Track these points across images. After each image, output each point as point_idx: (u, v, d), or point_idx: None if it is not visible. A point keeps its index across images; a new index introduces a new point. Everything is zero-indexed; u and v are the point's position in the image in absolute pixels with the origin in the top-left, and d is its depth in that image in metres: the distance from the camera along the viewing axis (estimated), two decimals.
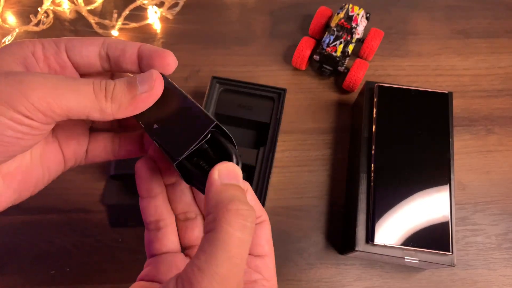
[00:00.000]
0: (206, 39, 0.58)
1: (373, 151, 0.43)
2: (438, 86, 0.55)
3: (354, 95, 0.54)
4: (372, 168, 0.42)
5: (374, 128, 0.44)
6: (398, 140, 0.43)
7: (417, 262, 0.39)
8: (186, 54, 0.57)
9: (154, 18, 0.58)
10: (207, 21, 0.60)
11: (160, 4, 0.60)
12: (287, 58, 0.57)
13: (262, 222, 0.26)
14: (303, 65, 0.54)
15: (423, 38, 0.58)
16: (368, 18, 0.55)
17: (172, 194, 0.27)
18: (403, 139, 0.43)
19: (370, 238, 0.40)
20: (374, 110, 0.45)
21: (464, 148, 0.51)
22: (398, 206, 0.41)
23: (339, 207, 0.49)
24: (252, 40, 0.58)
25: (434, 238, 0.39)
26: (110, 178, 0.48)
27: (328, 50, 0.51)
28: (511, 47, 0.58)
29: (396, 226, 0.40)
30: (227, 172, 0.21)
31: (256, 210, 0.24)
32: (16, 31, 0.58)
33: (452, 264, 0.39)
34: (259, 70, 0.56)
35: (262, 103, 0.49)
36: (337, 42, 0.52)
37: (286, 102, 0.48)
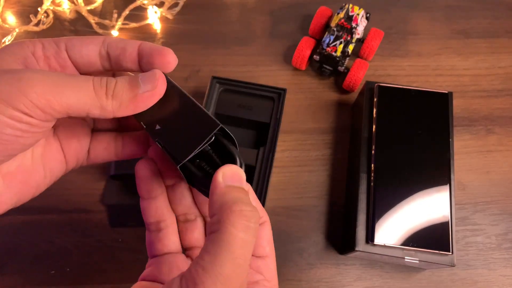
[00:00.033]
0: (206, 39, 0.58)
1: (373, 151, 0.43)
2: (438, 86, 0.55)
3: (354, 95, 0.54)
4: (372, 168, 0.42)
5: (374, 128, 0.44)
6: (398, 140, 0.43)
7: (417, 262, 0.39)
8: (186, 54, 0.57)
9: (154, 18, 0.58)
10: (207, 21, 0.60)
11: (160, 4, 0.60)
12: (287, 58, 0.57)
13: (263, 223, 0.26)
14: (303, 65, 0.54)
15: (423, 38, 0.58)
16: (368, 18, 0.55)
17: (172, 196, 0.27)
18: (403, 139, 0.43)
19: (370, 238, 0.40)
20: (374, 110, 0.45)
21: (464, 148, 0.51)
22: (398, 206, 0.41)
23: (339, 207, 0.49)
24: (252, 40, 0.58)
25: (434, 238, 0.39)
26: (110, 178, 0.48)
27: (328, 50, 0.51)
28: (511, 47, 0.58)
29: (396, 226, 0.40)
30: (231, 175, 0.21)
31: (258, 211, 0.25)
32: (16, 31, 0.58)
33: (452, 264, 0.39)
34: (259, 70, 0.56)
35: (262, 103, 0.49)
36: (337, 42, 0.52)
37: (286, 102, 0.48)
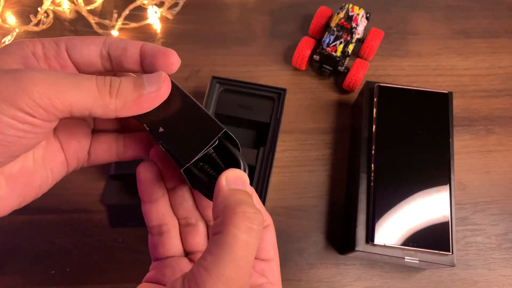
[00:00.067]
0: (206, 39, 0.58)
1: (373, 151, 0.43)
2: (438, 86, 0.55)
3: (354, 95, 0.54)
4: (372, 168, 0.42)
5: (374, 128, 0.44)
6: (398, 140, 0.43)
7: (417, 262, 0.39)
8: (186, 54, 0.57)
9: (154, 18, 0.58)
10: (207, 21, 0.60)
11: (160, 4, 0.60)
12: (287, 58, 0.57)
13: (267, 226, 0.26)
14: (303, 65, 0.54)
15: (423, 38, 0.58)
16: (368, 18, 0.55)
17: (173, 199, 0.27)
18: (403, 139, 0.43)
19: (370, 238, 0.40)
20: (374, 110, 0.45)
21: (464, 148, 0.51)
22: (398, 206, 0.41)
23: (339, 207, 0.49)
24: (252, 40, 0.58)
25: (434, 238, 0.39)
26: (110, 178, 0.48)
27: (328, 50, 0.51)
28: (511, 47, 0.58)
29: (396, 226, 0.40)
30: (234, 178, 0.21)
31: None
32: (16, 31, 0.58)
33: (452, 264, 0.39)
34: (259, 70, 0.56)
35: (262, 103, 0.49)
36: (337, 42, 0.52)
37: (286, 102, 0.48)
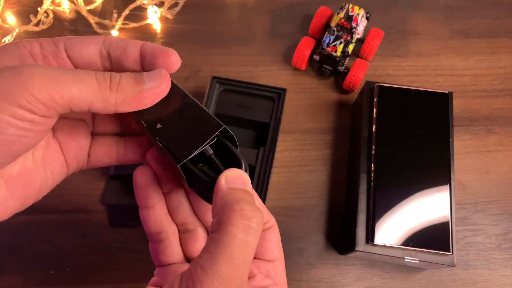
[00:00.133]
0: (206, 39, 0.58)
1: (373, 151, 0.43)
2: (438, 86, 0.55)
3: (354, 95, 0.54)
4: (372, 168, 0.42)
5: (374, 128, 0.44)
6: (398, 140, 0.43)
7: (417, 262, 0.39)
8: (186, 54, 0.57)
9: (154, 18, 0.58)
10: (207, 21, 0.60)
11: (160, 4, 0.60)
12: (287, 58, 0.57)
13: (271, 227, 0.26)
14: (303, 65, 0.54)
15: (423, 38, 0.58)
16: (368, 18, 0.55)
17: (169, 204, 0.27)
18: (403, 139, 0.43)
19: (370, 238, 0.40)
20: (374, 110, 0.45)
21: (464, 148, 0.51)
22: (398, 206, 0.41)
23: (339, 207, 0.49)
24: (252, 40, 0.58)
25: (434, 238, 0.39)
26: (110, 178, 0.48)
27: (328, 50, 0.51)
28: (511, 47, 0.58)
29: (396, 226, 0.40)
30: (234, 177, 0.21)
31: (264, 215, 0.24)
32: (16, 31, 0.58)
33: (452, 264, 0.39)
34: (259, 70, 0.56)
35: (262, 103, 0.49)
36: (337, 42, 0.52)
37: (286, 102, 0.48)
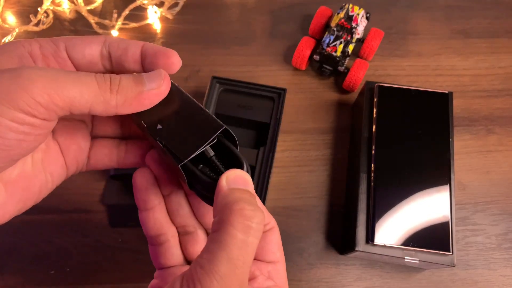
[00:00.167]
0: (206, 39, 0.58)
1: (373, 151, 0.43)
2: (438, 86, 0.55)
3: (354, 95, 0.54)
4: (372, 168, 0.42)
5: (374, 128, 0.44)
6: (398, 140, 0.43)
7: (417, 262, 0.39)
8: (186, 54, 0.57)
9: (154, 18, 0.58)
10: (207, 21, 0.60)
11: (160, 4, 0.60)
12: (287, 58, 0.57)
13: (272, 229, 0.26)
14: (303, 65, 0.54)
15: (423, 38, 0.58)
16: (368, 18, 0.55)
17: (169, 206, 0.26)
18: (403, 139, 0.43)
19: (370, 238, 0.40)
20: (374, 110, 0.45)
21: (464, 148, 0.51)
22: (398, 206, 0.41)
23: (339, 207, 0.49)
24: (252, 40, 0.58)
25: (434, 238, 0.39)
26: (110, 178, 0.48)
27: (328, 50, 0.51)
28: (511, 47, 0.58)
29: (396, 226, 0.40)
30: (235, 177, 0.21)
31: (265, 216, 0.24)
32: (16, 31, 0.58)
33: (452, 264, 0.39)
34: (259, 70, 0.56)
35: (262, 103, 0.49)
36: (337, 42, 0.52)
37: (286, 102, 0.48)
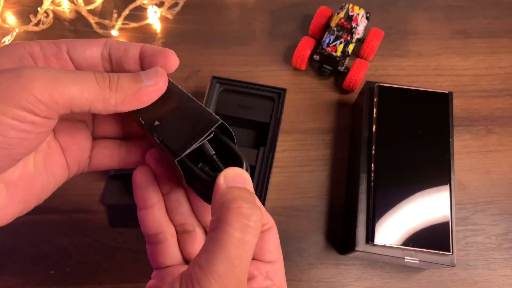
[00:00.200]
0: (206, 39, 0.58)
1: (373, 151, 0.43)
2: (438, 86, 0.55)
3: (354, 95, 0.54)
4: (372, 168, 0.42)
5: (374, 128, 0.44)
6: (398, 140, 0.43)
7: (417, 262, 0.39)
8: (186, 54, 0.57)
9: (154, 18, 0.58)
10: (207, 21, 0.60)
11: (160, 4, 0.60)
12: (287, 58, 0.57)
13: (270, 228, 0.26)
14: (303, 65, 0.54)
15: (423, 38, 0.58)
16: (368, 18, 0.55)
17: (168, 204, 0.27)
18: (403, 139, 0.43)
19: (370, 238, 0.40)
20: (374, 110, 0.45)
21: (464, 148, 0.51)
22: (398, 206, 0.41)
23: (339, 207, 0.49)
24: (252, 40, 0.58)
25: (434, 238, 0.39)
26: (110, 178, 0.48)
27: (328, 50, 0.51)
28: (511, 47, 0.58)
29: (396, 226, 0.40)
30: (233, 176, 0.21)
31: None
32: (16, 31, 0.58)
33: (452, 264, 0.39)
34: (259, 70, 0.56)
35: (262, 103, 0.49)
36: (337, 42, 0.52)
37: (286, 102, 0.48)
